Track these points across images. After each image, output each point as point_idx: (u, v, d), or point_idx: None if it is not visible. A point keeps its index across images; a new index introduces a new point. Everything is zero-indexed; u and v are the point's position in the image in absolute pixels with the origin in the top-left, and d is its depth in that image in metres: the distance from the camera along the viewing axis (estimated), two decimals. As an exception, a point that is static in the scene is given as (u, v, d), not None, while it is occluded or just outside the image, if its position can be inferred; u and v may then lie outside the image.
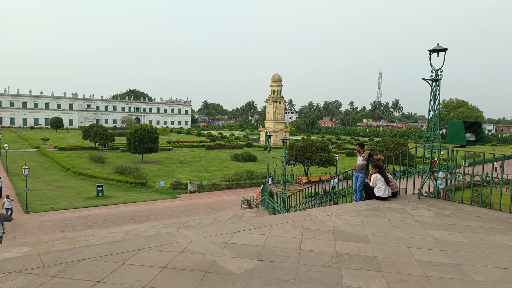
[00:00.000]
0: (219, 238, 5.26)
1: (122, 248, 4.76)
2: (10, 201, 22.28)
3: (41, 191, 30.52)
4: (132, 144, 47.97)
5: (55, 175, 38.40)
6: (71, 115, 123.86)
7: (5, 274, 3.87)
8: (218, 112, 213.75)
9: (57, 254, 4.49)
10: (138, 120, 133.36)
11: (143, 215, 24.02)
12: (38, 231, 20.29)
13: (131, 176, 37.35)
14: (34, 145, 63.33)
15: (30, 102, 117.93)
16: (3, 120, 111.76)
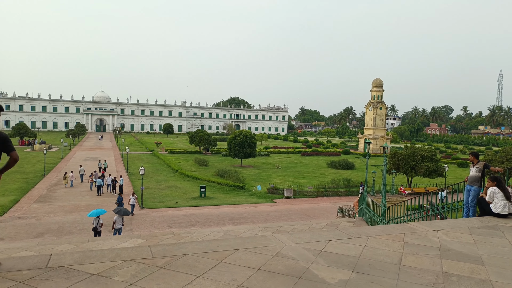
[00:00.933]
0: (313, 245, 5.20)
1: (220, 247, 5.02)
2: (135, 198, 25.25)
3: (154, 189, 33.97)
4: (232, 149, 50.51)
5: (165, 176, 42.41)
6: (180, 121, 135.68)
7: (122, 261, 4.39)
8: (314, 119, 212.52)
9: (165, 247, 4.94)
10: (238, 126, 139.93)
11: (240, 217, 25.03)
12: (150, 226, 22.59)
13: (230, 179, 39.29)
14: (149, 148, 70.99)
15: (147, 110, 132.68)
16: (125, 126, 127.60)
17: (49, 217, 23.67)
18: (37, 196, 29.57)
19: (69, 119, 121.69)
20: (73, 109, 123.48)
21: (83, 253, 4.61)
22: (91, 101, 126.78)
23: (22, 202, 27.57)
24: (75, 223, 22.43)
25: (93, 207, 25.05)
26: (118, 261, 4.37)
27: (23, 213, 24.52)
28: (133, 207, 24.86)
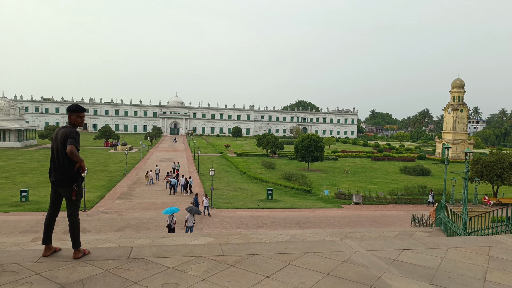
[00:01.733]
0: (385, 254, 4.98)
1: (288, 249, 5.03)
2: (208, 200, 26.14)
3: (223, 190, 35.07)
4: (299, 153, 50.25)
5: (233, 178, 43.56)
6: (248, 125, 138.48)
7: (195, 257, 4.61)
8: (386, 122, 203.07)
9: (234, 246, 5.08)
10: (305, 129, 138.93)
11: (307, 221, 24.77)
12: (219, 225, 23.34)
13: (297, 182, 39.11)
14: (219, 150, 73.52)
15: (217, 113, 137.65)
16: (196, 129, 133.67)
17: (129, 213, 25.61)
18: (119, 193, 32.17)
19: (147, 123, 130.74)
20: (151, 113, 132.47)
21: (160, 247, 4.93)
22: (166, 105, 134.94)
23: (106, 198, 30.20)
24: (152, 220, 23.97)
25: (167, 205, 26.58)
26: (191, 257, 4.59)
27: (107, 208, 26.83)
28: (206, 208, 25.57)
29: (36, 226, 21.73)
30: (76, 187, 4.63)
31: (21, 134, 71.09)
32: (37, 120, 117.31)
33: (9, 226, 21.30)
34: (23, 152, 60.76)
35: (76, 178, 4.63)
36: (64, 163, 4.55)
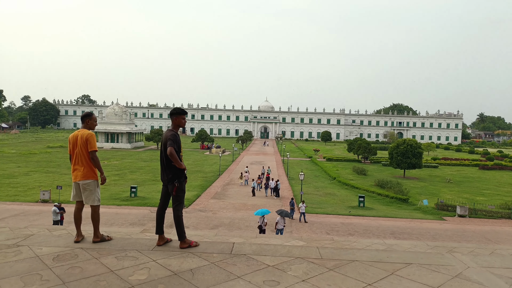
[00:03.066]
0: (505, 272, 4.44)
1: (390, 258, 4.79)
2: (305, 207, 25.63)
3: (312, 195, 34.78)
4: (394, 159, 47.42)
5: (323, 183, 42.91)
6: (338, 129, 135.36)
7: (293, 258, 4.66)
8: (497, 127, 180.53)
9: (332, 250, 5.01)
10: (400, 134, 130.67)
11: (403, 232, 23.22)
12: (308, 230, 23.19)
13: (391, 190, 36.94)
14: (308, 155, 73.16)
15: (306, 118, 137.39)
16: (285, 133, 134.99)
17: (222, 212, 26.92)
18: (214, 193, 34.03)
19: (238, 127, 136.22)
20: (242, 118, 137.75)
21: (259, 245, 5.09)
22: (257, 110, 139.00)
23: (202, 197, 32.18)
24: (243, 220, 24.85)
25: (258, 207, 27.30)
26: (290, 257, 4.65)
27: (202, 206, 28.58)
28: (303, 215, 25.09)
29: (143, 219, 24.12)
30: (177, 183, 5.03)
31: (131, 137, 79.73)
32: (144, 124, 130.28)
33: (121, 218, 23.97)
34: (132, 153, 68.05)
35: (178, 175, 5.03)
36: (168, 162, 4.98)
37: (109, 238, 5.16)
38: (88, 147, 5.02)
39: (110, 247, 4.89)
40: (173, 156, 4.77)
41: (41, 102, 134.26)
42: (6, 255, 4.46)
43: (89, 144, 5.01)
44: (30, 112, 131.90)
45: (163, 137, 5.12)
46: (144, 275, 3.99)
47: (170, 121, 5.24)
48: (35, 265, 4.18)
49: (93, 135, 5.12)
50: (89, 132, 5.10)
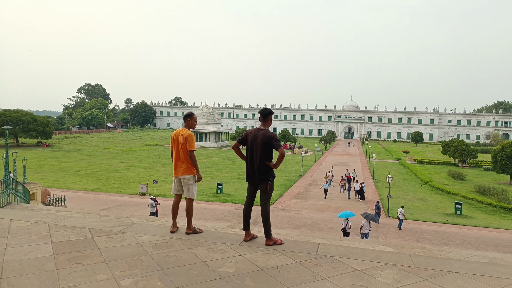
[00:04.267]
0: None
1: (495, 272, 4.29)
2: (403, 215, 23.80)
3: (400, 199, 32.75)
4: (499, 163, 42.35)
5: (413, 187, 40.13)
6: (431, 129, 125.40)
7: (382, 264, 4.43)
8: None
9: (427, 259, 4.65)
10: (506, 135, 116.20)
11: (508, 245, 20.63)
12: (396, 236, 21.89)
13: (495, 198, 33.05)
14: (396, 156, 69.07)
15: (394, 117, 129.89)
16: (371, 134, 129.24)
17: (304, 213, 26.79)
18: (296, 193, 34.04)
19: (321, 127, 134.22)
20: (325, 118, 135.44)
21: (346, 248, 4.95)
22: (341, 109, 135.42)
23: (284, 196, 32.40)
24: (326, 221, 24.42)
25: (341, 209, 26.59)
26: (379, 263, 4.44)
27: (285, 206, 28.76)
28: (401, 222, 23.55)
29: (228, 215, 25.14)
30: (270, 181, 5.11)
31: (218, 136, 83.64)
32: (229, 124, 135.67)
33: (208, 213, 25.28)
34: (219, 152, 71.35)
35: (271, 174, 5.11)
36: (262, 160, 5.07)
37: (200, 231, 5.48)
38: (188, 147, 5.38)
39: (201, 239, 5.19)
40: (283, 157, 4.85)
41: (140, 104, 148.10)
42: (114, 240, 5.00)
43: (188, 144, 5.38)
44: (131, 113, 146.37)
45: (252, 135, 5.18)
46: (232, 268, 4.15)
47: (253, 121, 5.36)
48: (137, 251, 4.61)
49: (193, 136, 5.47)
50: (189, 132, 5.47)
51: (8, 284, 3.60)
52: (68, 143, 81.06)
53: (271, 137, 5.03)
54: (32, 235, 5.07)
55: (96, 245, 4.77)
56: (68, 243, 4.80)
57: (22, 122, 68.96)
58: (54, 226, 5.51)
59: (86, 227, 5.50)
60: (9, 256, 4.31)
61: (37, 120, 72.03)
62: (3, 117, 68.27)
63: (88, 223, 5.84)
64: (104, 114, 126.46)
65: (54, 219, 6.02)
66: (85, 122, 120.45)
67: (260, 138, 5.07)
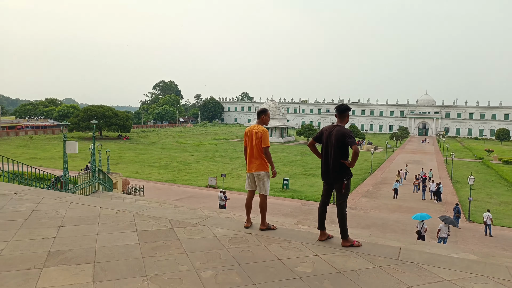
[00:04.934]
0: None
1: None
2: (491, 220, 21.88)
3: (483, 202, 29.99)
4: None
5: (498, 189, 36.51)
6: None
7: (475, 275, 4.03)
8: None
9: (529, 274, 4.13)
10: None
11: None
12: (478, 242, 20.10)
13: None
14: (478, 155, 63.35)
15: (476, 113, 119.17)
16: (449, 130, 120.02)
17: (374, 212, 25.73)
18: (365, 192, 32.82)
19: (392, 122, 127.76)
20: (397, 113, 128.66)
21: (431, 255, 4.59)
22: (414, 104, 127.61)
23: (352, 195, 31.39)
24: (398, 223, 23.21)
25: (415, 210, 25.09)
26: (470, 274, 4.04)
27: (353, 204, 27.88)
28: (488, 227, 21.56)
29: (295, 211, 25.05)
30: (346, 181, 4.91)
31: (283, 131, 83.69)
32: (295, 119, 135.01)
33: (274, 208, 25.41)
34: (284, 147, 71.38)
35: (346, 172, 4.91)
36: (336, 158, 4.88)
37: (273, 228, 5.46)
38: (262, 143, 5.38)
39: (275, 236, 5.16)
40: (357, 155, 4.68)
41: (209, 100, 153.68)
42: (192, 232, 5.18)
43: (262, 140, 5.37)
44: (200, 108, 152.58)
45: (327, 132, 5.03)
46: (309, 268, 4.06)
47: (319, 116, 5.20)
48: (215, 244, 4.72)
49: (267, 132, 5.46)
50: (263, 129, 5.46)
51: (101, 269, 3.89)
52: (144, 136, 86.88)
53: (346, 134, 4.83)
54: (119, 223, 5.45)
55: (176, 236, 4.98)
56: (151, 233, 5.07)
57: (105, 116, 75.32)
58: (138, 216, 5.87)
59: (166, 218, 5.78)
60: (100, 242, 4.67)
61: (118, 115, 78.21)
62: (89, 112, 75.22)
63: (168, 214, 6.13)
64: (176, 110, 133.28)
65: (138, 208, 6.42)
66: (159, 117, 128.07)
67: (334, 135, 4.91)
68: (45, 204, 6.41)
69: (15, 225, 5.23)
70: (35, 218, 5.60)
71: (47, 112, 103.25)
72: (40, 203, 6.45)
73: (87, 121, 70.32)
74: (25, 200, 6.68)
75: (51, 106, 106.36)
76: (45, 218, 5.61)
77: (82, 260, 4.08)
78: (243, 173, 40.16)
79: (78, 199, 7.05)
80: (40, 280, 3.58)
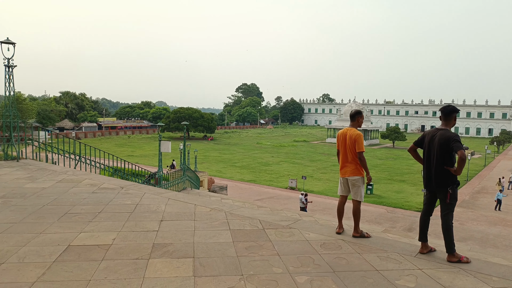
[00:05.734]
0: None
1: None
2: None
3: None
4: None
5: None
6: None
7: None
8: None
9: None
10: None
11: None
12: None
13: None
14: None
15: None
16: None
17: (471, 224, 23.34)
18: (460, 201, 29.92)
19: (493, 125, 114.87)
20: (498, 115, 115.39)
21: (560, 280, 3.95)
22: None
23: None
24: (499, 237, 20.75)
25: (522, 224, 22.20)
26: None
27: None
28: None
29: (379, 218, 23.83)
30: (451, 189, 4.47)
31: (366, 134, 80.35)
32: (379, 121, 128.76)
33: (358, 213, 24.48)
34: (368, 150, 68.42)
35: (452, 181, 4.47)
36: (439, 165, 4.47)
37: (368, 235, 5.20)
38: (356, 148, 5.15)
39: (370, 244, 4.91)
40: (464, 162, 4.26)
41: (290, 102, 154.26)
42: (283, 234, 5.17)
43: (357, 145, 5.14)
44: (281, 110, 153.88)
45: (429, 136, 4.65)
46: (412, 283, 3.76)
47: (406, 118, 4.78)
48: (307, 249, 4.64)
49: (361, 136, 5.21)
50: (357, 132, 5.21)
51: (200, 264, 4.06)
52: (227, 137, 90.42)
53: (450, 138, 4.39)
54: (213, 221, 5.67)
55: (267, 237, 5.01)
56: (244, 232, 5.18)
57: (193, 118, 79.99)
58: (230, 214, 6.05)
59: (256, 218, 5.86)
60: (197, 238, 4.90)
61: (203, 116, 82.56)
62: (178, 114, 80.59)
63: (258, 214, 6.21)
64: (257, 111, 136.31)
65: (229, 207, 6.62)
66: (241, 119, 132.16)
67: (437, 139, 4.49)
68: (147, 199, 6.95)
69: (123, 217, 5.75)
70: (139, 211, 6.10)
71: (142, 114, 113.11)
72: (143, 198, 7.02)
73: (177, 122, 75.47)
74: (129, 194, 7.33)
75: (146, 109, 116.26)
76: (147, 212, 6.08)
77: (183, 254, 4.31)
78: (324, 176, 39.45)
79: (174, 195, 7.52)
80: (147, 270, 3.86)
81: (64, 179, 8.62)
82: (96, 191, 7.48)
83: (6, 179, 8.48)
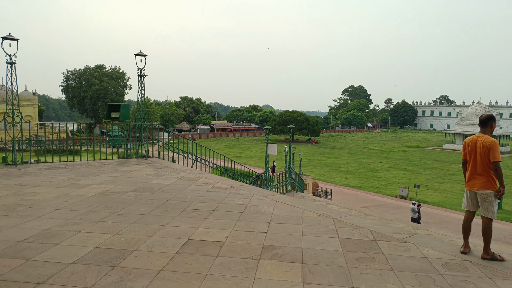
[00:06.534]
0: None
1: None
2: None
3: None
4: None
5: None
6: None
7: None
8: None
9: None
10: None
11: None
12: None
13: None
14: None
15: None
16: None
17: None
18: None
19: None
20: None
21: None
22: None
23: None
24: None
25: None
26: None
27: None
28: None
29: (509, 237, 20.69)
30: None
31: (494, 140, 70.50)
32: (511, 126, 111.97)
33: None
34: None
35: None
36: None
37: (501, 259, 4.51)
38: (491, 157, 4.50)
39: (504, 269, 4.25)
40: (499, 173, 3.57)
41: (401, 104, 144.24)
42: (397, 248, 4.80)
43: (491, 153, 4.49)
44: (390, 113, 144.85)
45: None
46: None
47: None
48: (425, 267, 4.23)
49: (497, 144, 4.54)
50: (491, 139, 4.54)
51: (309, 270, 4.02)
52: (332, 141, 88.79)
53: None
54: (321, 227, 5.57)
55: (380, 249, 4.71)
56: (353, 242, 4.96)
57: (297, 121, 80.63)
58: (338, 222, 5.87)
59: (367, 228, 5.57)
60: (305, 243, 4.86)
61: (308, 120, 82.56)
62: (284, 117, 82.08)
63: (367, 224, 5.91)
64: (364, 114, 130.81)
65: (337, 214, 6.44)
66: (347, 122, 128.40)
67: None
68: (256, 200, 7.19)
69: (234, 216, 6.04)
70: (249, 212, 6.34)
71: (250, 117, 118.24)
72: (252, 199, 7.28)
73: (282, 125, 76.99)
74: (240, 194, 7.68)
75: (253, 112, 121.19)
76: (256, 213, 6.28)
77: (291, 259, 4.32)
78: (440, 186, 35.89)
79: (282, 198, 7.63)
80: (258, 271, 3.96)
81: (184, 177, 9.46)
82: (210, 190, 8.02)
83: (137, 174, 9.68)
